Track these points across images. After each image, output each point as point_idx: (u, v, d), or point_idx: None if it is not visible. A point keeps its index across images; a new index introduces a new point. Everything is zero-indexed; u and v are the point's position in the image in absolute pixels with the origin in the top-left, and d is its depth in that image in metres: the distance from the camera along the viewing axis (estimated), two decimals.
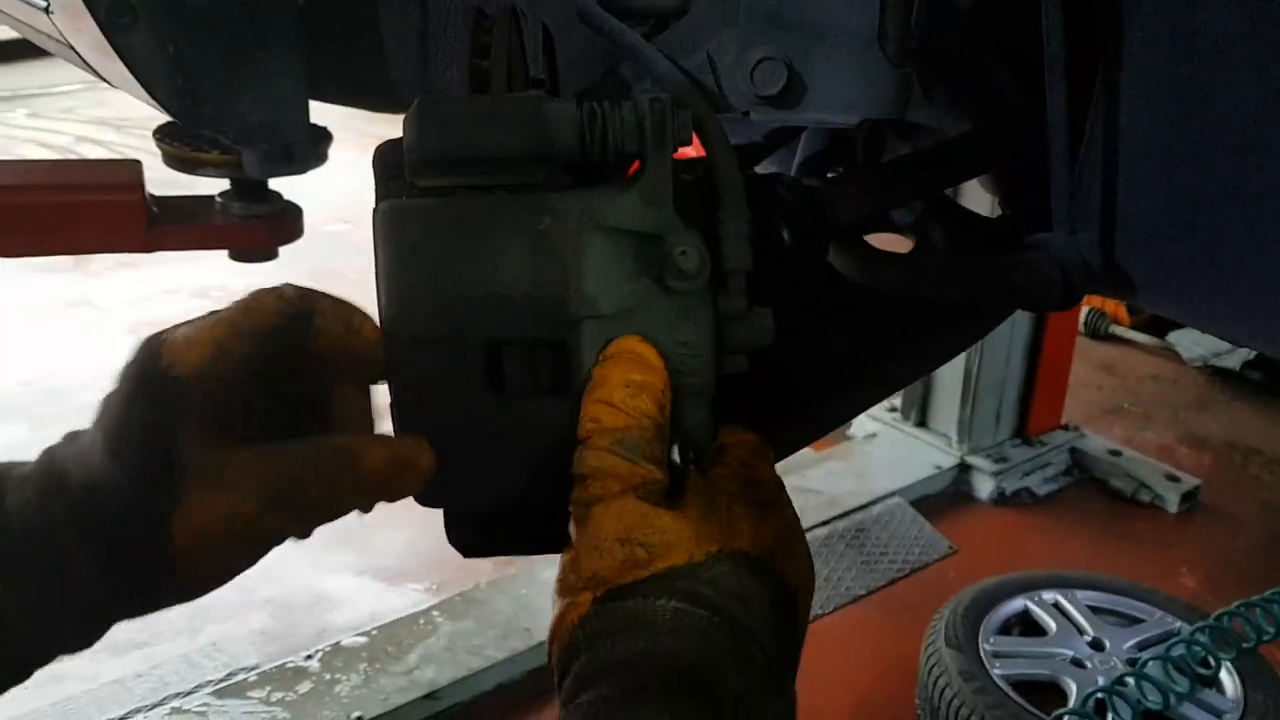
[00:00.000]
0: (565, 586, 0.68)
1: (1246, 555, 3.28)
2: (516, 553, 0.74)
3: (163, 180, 1.08)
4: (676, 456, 0.72)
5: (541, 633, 2.71)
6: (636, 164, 0.67)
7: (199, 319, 0.70)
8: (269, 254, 1.08)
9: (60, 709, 2.56)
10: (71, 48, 0.96)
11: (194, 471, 0.66)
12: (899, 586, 3.08)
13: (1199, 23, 0.66)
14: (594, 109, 0.67)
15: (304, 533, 0.72)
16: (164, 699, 2.54)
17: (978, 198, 0.93)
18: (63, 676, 2.70)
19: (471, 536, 0.78)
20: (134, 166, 1.04)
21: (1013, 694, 2.34)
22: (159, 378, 0.67)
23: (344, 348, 0.71)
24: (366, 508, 0.73)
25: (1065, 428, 3.73)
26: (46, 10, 0.91)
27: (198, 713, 2.49)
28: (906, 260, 0.74)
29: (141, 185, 1.01)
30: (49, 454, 0.70)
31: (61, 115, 7.90)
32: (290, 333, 0.70)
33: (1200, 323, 0.73)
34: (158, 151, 1.03)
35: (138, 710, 2.49)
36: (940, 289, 0.73)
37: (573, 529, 0.69)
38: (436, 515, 0.78)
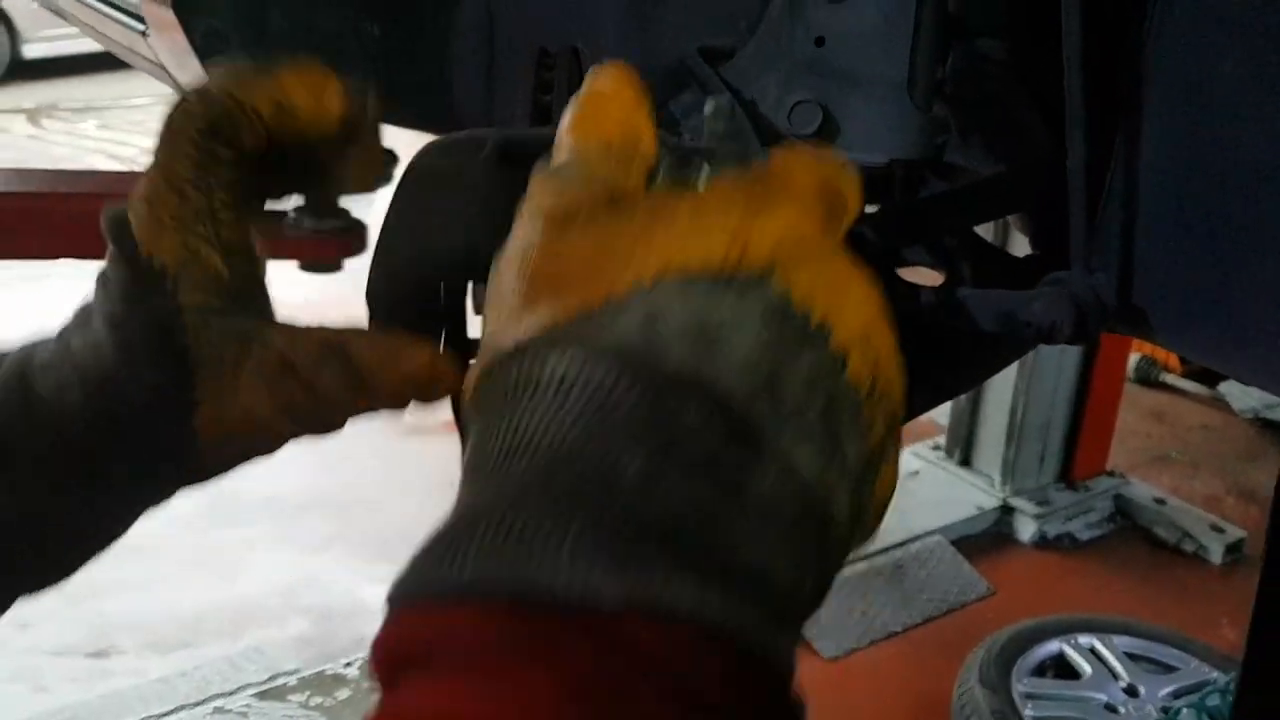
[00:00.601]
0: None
1: None
2: None
3: None
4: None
5: None
6: None
7: (138, 189, 0.63)
8: (336, 266, 1.14)
9: (107, 702, 2.64)
10: (164, 68, 1.03)
11: (208, 373, 0.63)
12: (935, 625, 3.09)
13: (1214, 73, 0.70)
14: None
15: (334, 428, 0.68)
16: (207, 698, 2.62)
17: (1021, 241, 0.96)
18: (110, 672, 2.78)
19: None
20: None
21: None
22: (150, 272, 0.62)
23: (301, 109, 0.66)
24: (397, 405, 0.66)
25: (1110, 474, 3.71)
26: (144, 34, 0.98)
27: (239, 713, 2.56)
28: (930, 292, 0.78)
29: None
30: (65, 339, 0.66)
31: (130, 127, 8.15)
32: (223, 153, 0.63)
33: (1215, 362, 0.76)
34: None
35: (182, 707, 2.57)
36: (957, 319, 0.77)
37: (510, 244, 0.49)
38: None
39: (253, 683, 2.68)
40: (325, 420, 0.67)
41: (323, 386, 0.63)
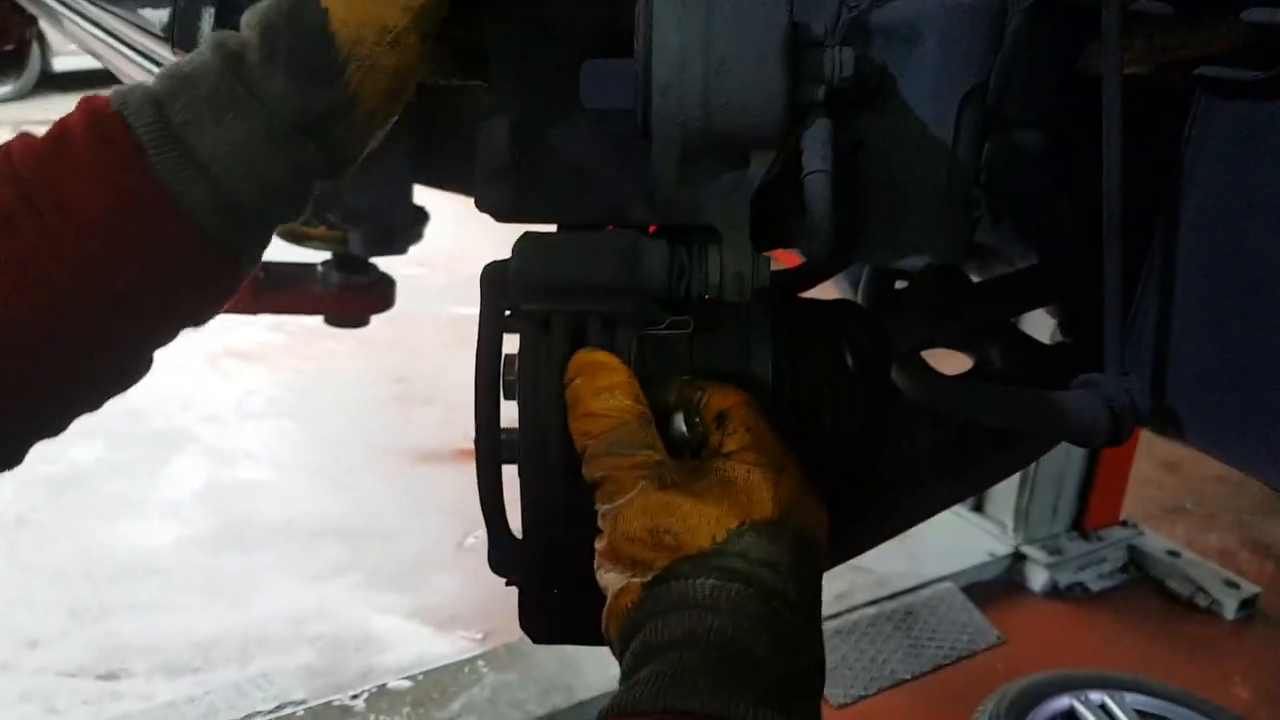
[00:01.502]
0: (609, 578, 0.74)
1: None
2: (588, 642, 0.79)
3: None
4: (683, 426, 0.76)
5: (583, 691, 2.76)
6: None
7: None
8: (363, 321, 1.15)
9: None
10: None
11: None
12: (944, 673, 3.06)
13: (1252, 182, 0.70)
14: (684, 255, 0.74)
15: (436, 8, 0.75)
16: None
17: (1041, 323, 0.97)
18: (120, 695, 2.79)
19: (544, 622, 0.82)
20: None
21: None
22: None
23: None
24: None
25: (1124, 524, 3.69)
26: None
27: None
28: (961, 385, 0.78)
29: None
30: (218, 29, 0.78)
31: None
32: None
33: (1246, 467, 0.76)
34: None
35: None
36: (991, 417, 0.77)
37: (601, 523, 0.75)
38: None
39: (260, 711, 2.67)
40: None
41: None
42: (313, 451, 4.10)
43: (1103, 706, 2.62)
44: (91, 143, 0.73)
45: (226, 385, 4.54)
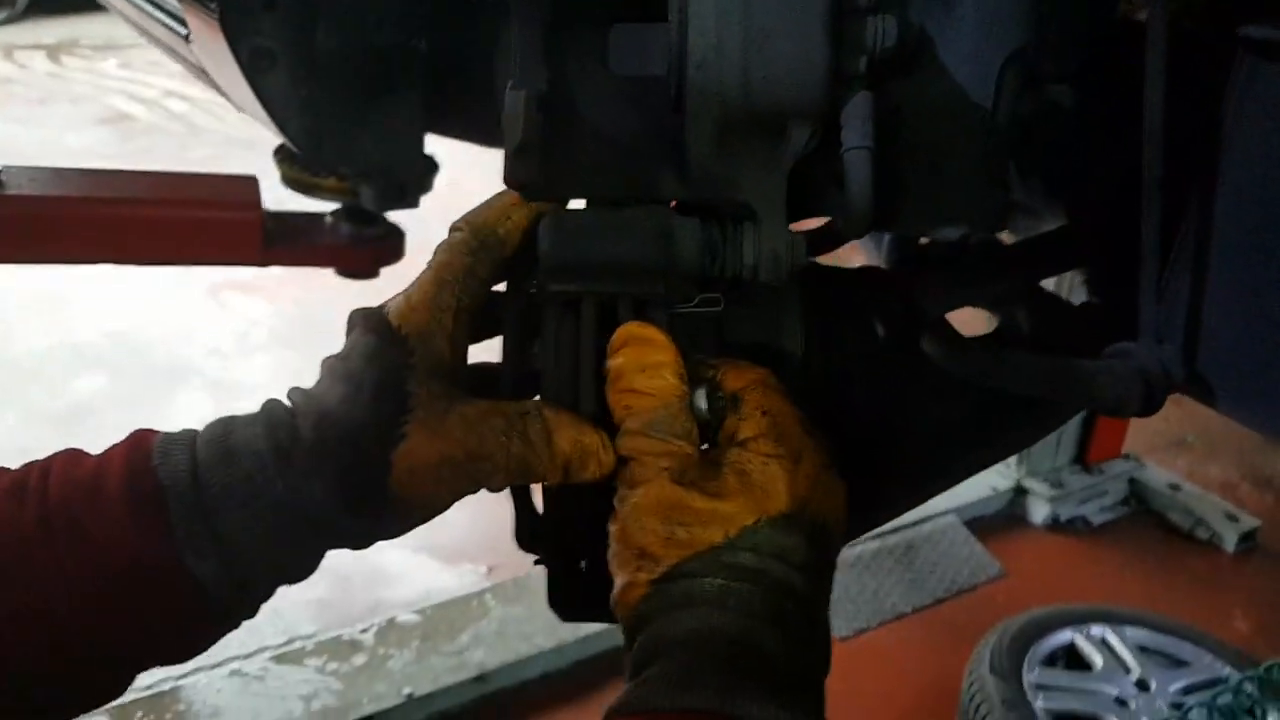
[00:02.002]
0: (620, 563, 0.75)
1: None
2: (610, 621, 0.79)
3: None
4: (704, 405, 0.76)
5: (590, 625, 2.78)
6: None
7: (410, 287, 0.80)
8: (373, 273, 1.13)
9: None
10: (204, 72, 1.02)
11: (420, 415, 0.75)
12: (945, 607, 3.10)
13: None
14: (717, 233, 0.71)
15: (498, 486, 0.79)
16: (224, 660, 2.64)
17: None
18: None
19: (572, 600, 0.82)
20: (252, 184, 1.09)
21: None
22: (394, 336, 0.77)
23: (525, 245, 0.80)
24: (553, 479, 0.78)
25: (1126, 457, 3.70)
26: (185, 38, 0.96)
27: (257, 676, 2.58)
28: (992, 353, 0.77)
29: (260, 204, 1.06)
30: (272, 400, 0.79)
31: (150, 68, 8.08)
32: (479, 272, 0.79)
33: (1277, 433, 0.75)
34: (239, 117, 1.07)
35: (199, 669, 2.59)
36: (1022, 386, 0.75)
37: (617, 502, 0.76)
38: (496, 498, 0.85)
39: (270, 645, 2.70)
40: (494, 474, 0.77)
41: (523, 436, 0.75)
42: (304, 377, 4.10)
43: (1104, 641, 2.64)
44: (124, 493, 0.74)
45: (228, 317, 4.52)
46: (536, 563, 0.83)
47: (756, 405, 0.75)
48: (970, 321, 0.92)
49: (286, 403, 0.79)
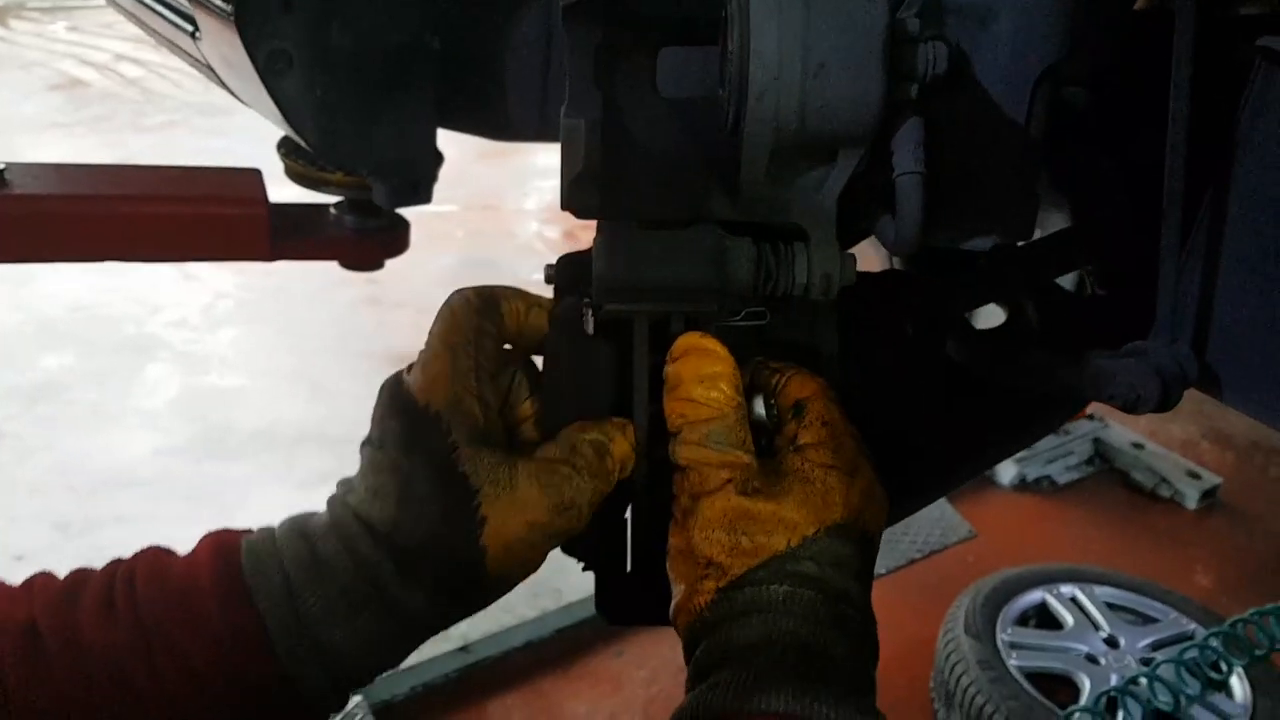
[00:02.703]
0: (682, 571, 0.77)
1: (1261, 558, 3.33)
2: (661, 623, 0.81)
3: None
4: (763, 411, 0.78)
5: (570, 594, 2.82)
6: None
7: (421, 355, 0.80)
8: (377, 265, 1.13)
9: None
10: (209, 68, 1.01)
11: (488, 492, 0.75)
12: (918, 567, 3.15)
13: None
14: (769, 254, 0.73)
15: (582, 523, 0.80)
16: None
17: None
18: None
19: (620, 604, 0.84)
20: (256, 178, 1.09)
21: (1027, 686, 2.41)
22: (425, 418, 0.76)
23: (525, 324, 0.83)
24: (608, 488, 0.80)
25: (1090, 417, 3.77)
26: (193, 35, 0.95)
27: None
28: (1013, 352, 0.79)
29: (265, 199, 1.06)
30: (337, 504, 0.79)
31: (101, 30, 7.91)
32: (489, 330, 0.81)
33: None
34: (196, 83, 1.07)
35: None
36: (1042, 384, 0.78)
37: (678, 512, 0.78)
38: None
39: None
40: (581, 515, 0.79)
41: (580, 467, 0.77)
42: (286, 356, 4.08)
43: (1073, 599, 2.71)
44: (220, 611, 0.74)
45: (194, 289, 4.48)
46: (585, 568, 0.85)
47: (818, 415, 0.77)
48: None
49: (349, 503, 0.78)
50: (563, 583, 2.83)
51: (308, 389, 3.85)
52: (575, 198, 0.74)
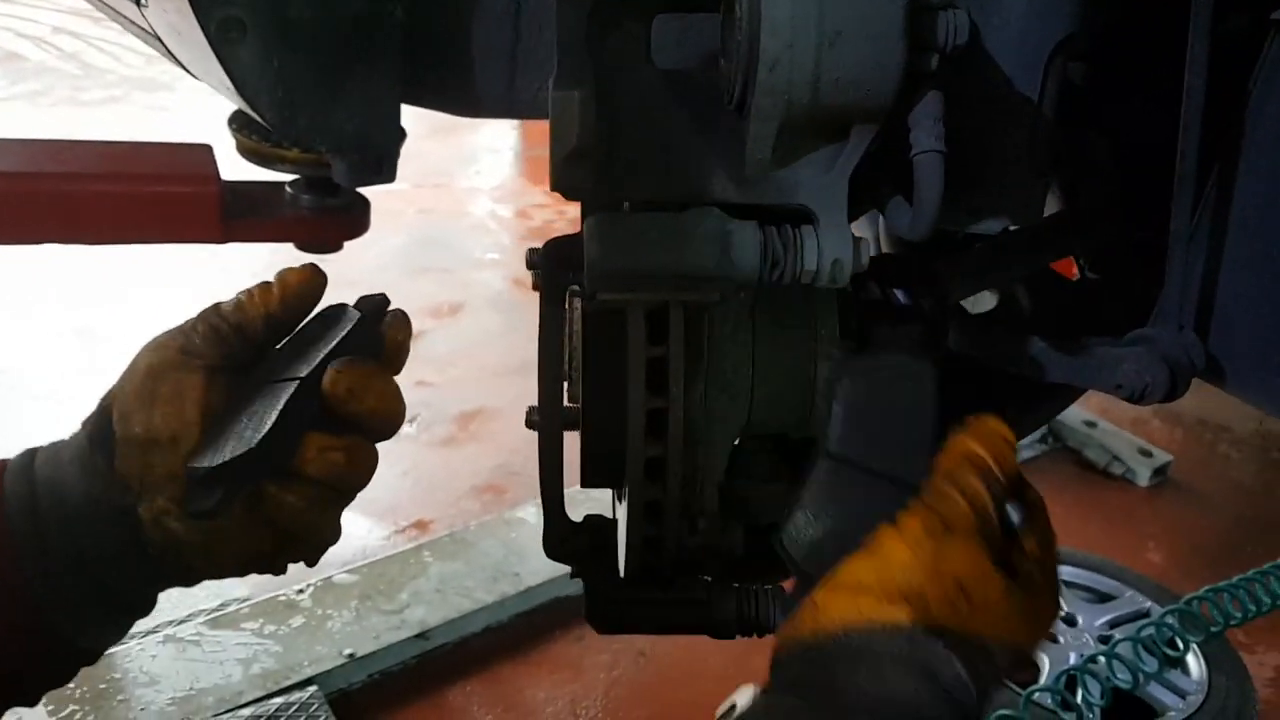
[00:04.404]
0: (886, 584, 0.72)
1: (1212, 534, 3.38)
2: (654, 631, 0.77)
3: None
4: (1015, 518, 0.78)
5: (530, 578, 2.78)
6: None
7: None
8: (335, 246, 1.08)
9: None
10: (158, 38, 0.95)
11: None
12: None
13: None
14: (776, 238, 0.68)
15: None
16: (157, 626, 2.57)
17: None
18: None
19: (611, 611, 0.80)
20: (207, 154, 1.03)
21: None
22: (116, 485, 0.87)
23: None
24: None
25: None
26: (138, 2, 0.89)
27: (191, 641, 2.52)
28: (1016, 342, 0.76)
29: (218, 176, 1.00)
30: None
31: (37, 2, 7.68)
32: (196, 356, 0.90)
33: None
34: (136, 56, 1.01)
35: (133, 637, 2.52)
36: (1047, 374, 0.75)
37: (909, 517, 0.75)
38: (426, 453, 0.88)
39: (203, 609, 2.64)
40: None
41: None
42: None
43: None
44: None
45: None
46: (573, 575, 0.81)
47: (1043, 529, 0.79)
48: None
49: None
50: (521, 567, 2.79)
51: None
52: (567, 177, 0.68)
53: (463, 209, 5.54)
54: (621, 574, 0.78)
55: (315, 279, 0.96)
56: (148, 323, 0.99)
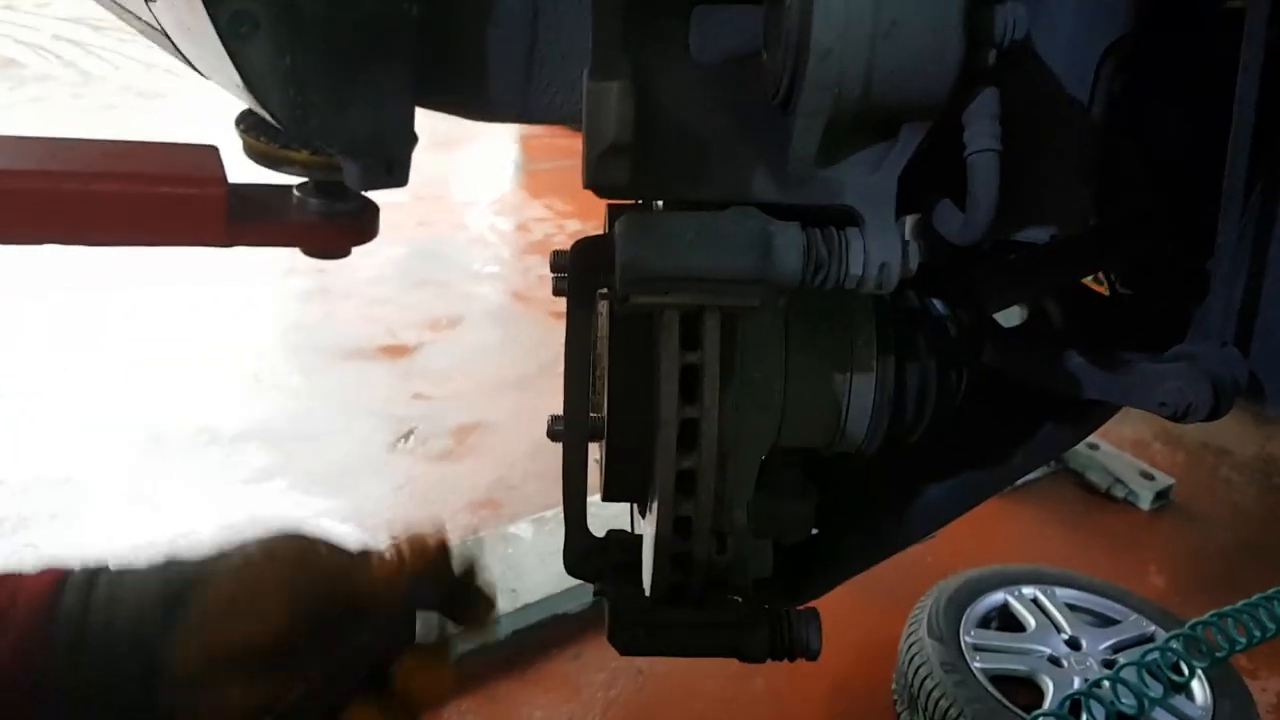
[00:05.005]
0: None
1: (1215, 558, 3.35)
2: (680, 654, 0.74)
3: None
4: None
5: (527, 594, 2.74)
6: None
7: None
8: (343, 252, 1.05)
9: None
10: (166, 35, 0.93)
11: None
12: (877, 569, 3.11)
13: None
14: (819, 240, 0.65)
15: None
16: None
17: None
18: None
19: (635, 635, 0.77)
20: (214, 155, 1.00)
21: (991, 688, 2.39)
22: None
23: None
24: None
25: None
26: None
27: None
28: (1048, 355, 0.74)
29: (224, 178, 0.98)
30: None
31: (37, 9, 7.68)
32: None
33: None
34: (135, 64, 0.99)
35: None
36: (1087, 391, 0.73)
37: None
38: (423, 467, 0.85)
39: None
40: None
41: None
42: (227, 349, 3.96)
43: (1035, 600, 2.69)
44: None
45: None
46: (597, 593, 0.78)
47: None
48: None
49: None
50: (518, 583, 2.76)
51: (251, 384, 3.73)
52: (603, 173, 0.65)
53: (461, 222, 5.52)
54: (647, 593, 0.75)
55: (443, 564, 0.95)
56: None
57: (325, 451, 3.36)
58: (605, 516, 1.06)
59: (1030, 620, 2.64)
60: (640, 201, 0.75)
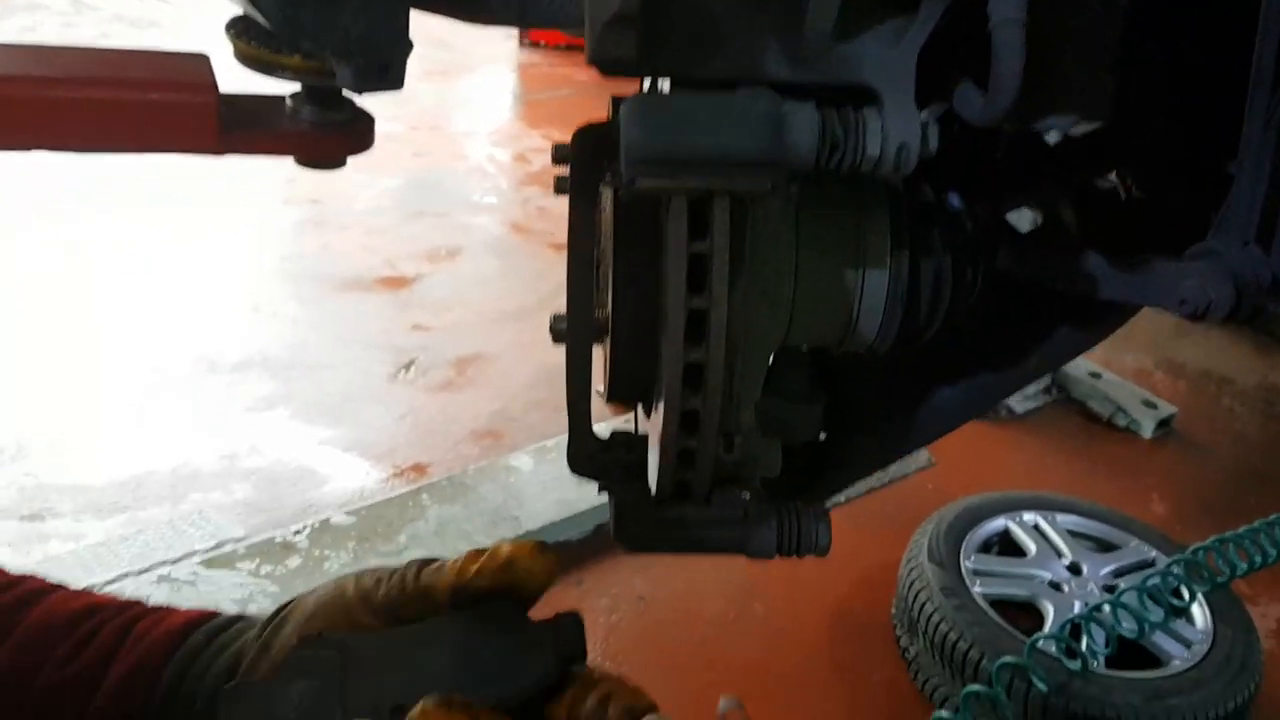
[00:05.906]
0: None
1: (1215, 486, 3.36)
2: (686, 550, 0.72)
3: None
4: None
5: (529, 522, 2.75)
6: None
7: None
8: (338, 162, 1.03)
9: (46, 568, 2.54)
10: None
11: None
12: (877, 496, 3.13)
13: None
14: (836, 119, 0.62)
15: None
16: (151, 565, 2.54)
17: None
18: (46, 536, 2.69)
19: (641, 531, 0.75)
20: (205, 63, 0.97)
21: (991, 612, 2.40)
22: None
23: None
24: None
25: None
26: None
27: (187, 581, 2.49)
28: (1064, 256, 0.72)
29: (216, 85, 0.95)
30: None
31: None
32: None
33: None
34: None
35: (126, 575, 2.49)
36: (1103, 292, 0.70)
37: None
38: (424, 397, 0.81)
39: (198, 550, 2.61)
40: None
41: None
42: (227, 279, 3.93)
43: (1036, 527, 2.70)
44: None
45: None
46: (601, 489, 0.76)
47: None
48: None
49: None
50: (520, 511, 2.77)
51: (250, 314, 3.71)
52: (608, 46, 0.62)
53: (459, 152, 5.46)
54: (652, 491, 0.74)
55: (544, 570, 0.82)
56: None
57: (326, 381, 3.36)
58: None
59: (1031, 546, 2.65)
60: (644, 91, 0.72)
